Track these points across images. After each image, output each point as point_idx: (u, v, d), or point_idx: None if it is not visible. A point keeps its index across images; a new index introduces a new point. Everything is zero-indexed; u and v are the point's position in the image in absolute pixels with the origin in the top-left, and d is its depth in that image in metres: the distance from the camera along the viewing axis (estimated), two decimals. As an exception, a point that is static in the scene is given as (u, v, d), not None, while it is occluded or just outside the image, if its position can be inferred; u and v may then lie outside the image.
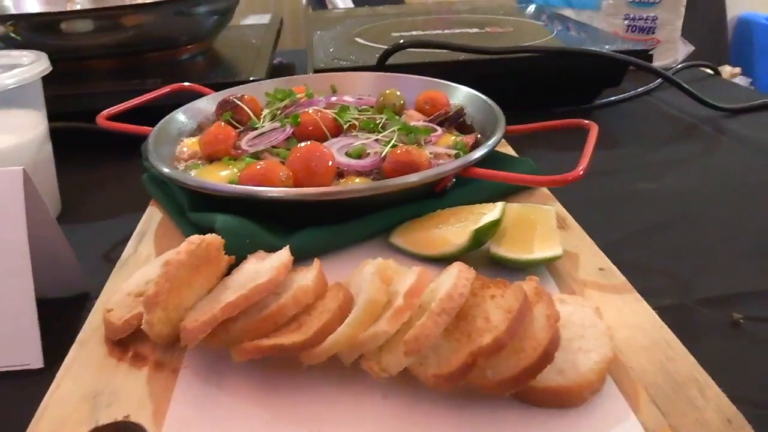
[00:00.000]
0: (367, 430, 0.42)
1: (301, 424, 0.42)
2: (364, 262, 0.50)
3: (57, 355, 0.55)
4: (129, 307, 0.51)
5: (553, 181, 0.59)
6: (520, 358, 0.42)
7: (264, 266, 0.52)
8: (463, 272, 0.45)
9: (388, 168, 0.66)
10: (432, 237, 0.58)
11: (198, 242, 0.49)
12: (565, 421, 0.41)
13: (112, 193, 0.88)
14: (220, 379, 0.46)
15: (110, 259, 0.73)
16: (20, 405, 0.51)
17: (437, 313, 0.42)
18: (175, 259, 0.47)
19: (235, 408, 0.43)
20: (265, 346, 0.43)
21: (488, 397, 0.43)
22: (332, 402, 0.44)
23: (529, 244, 0.56)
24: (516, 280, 0.54)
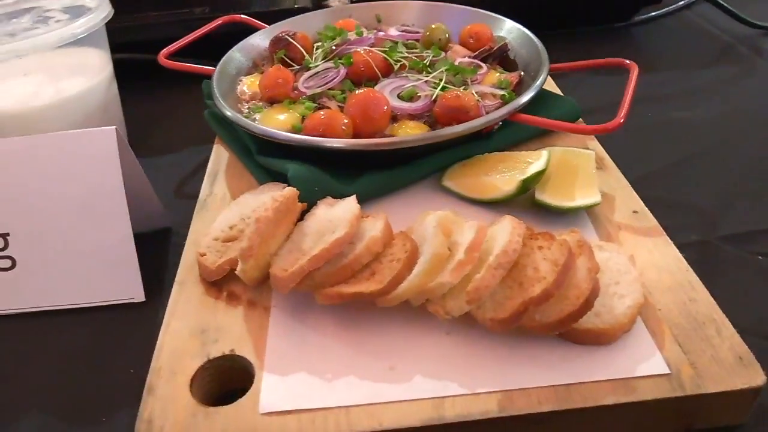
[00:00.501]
0: (433, 362, 0.50)
1: (378, 357, 0.50)
2: (425, 214, 0.57)
3: (154, 288, 0.64)
4: (219, 252, 0.59)
5: (594, 130, 0.64)
6: (565, 305, 0.49)
7: (335, 213, 0.59)
8: (516, 228, 0.52)
9: (438, 112, 0.70)
10: (482, 183, 0.64)
11: (281, 199, 0.56)
12: (600, 356, 0.49)
13: (175, 126, 0.94)
14: (305, 317, 0.54)
15: (183, 194, 0.80)
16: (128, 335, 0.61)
17: (494, 267, 0.49)
18: (263, 216, 0.54)
19: (323, 344, 0.52)
20: (347, 294, 0.51)
21: (536, 335, 0.51)
22: (403, 338, 0.52)
23: (570, 190, 0.62)
24: (558, 222, 0.61)
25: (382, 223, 0.56)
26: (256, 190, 0.67)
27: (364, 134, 0.68)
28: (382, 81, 0.76)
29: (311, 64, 0.80)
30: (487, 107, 0.72)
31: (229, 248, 0.59)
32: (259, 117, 0.74)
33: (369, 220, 0.58)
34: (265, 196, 0.64)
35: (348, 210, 0.58)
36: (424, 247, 0.53)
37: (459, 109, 0.69)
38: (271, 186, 0.66)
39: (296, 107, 0.74)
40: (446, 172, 0.68)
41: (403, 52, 0.79)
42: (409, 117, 0.72)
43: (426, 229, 0.55)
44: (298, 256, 0.55)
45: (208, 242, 0.61)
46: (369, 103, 0.68)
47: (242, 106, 0.77)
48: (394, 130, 0.70)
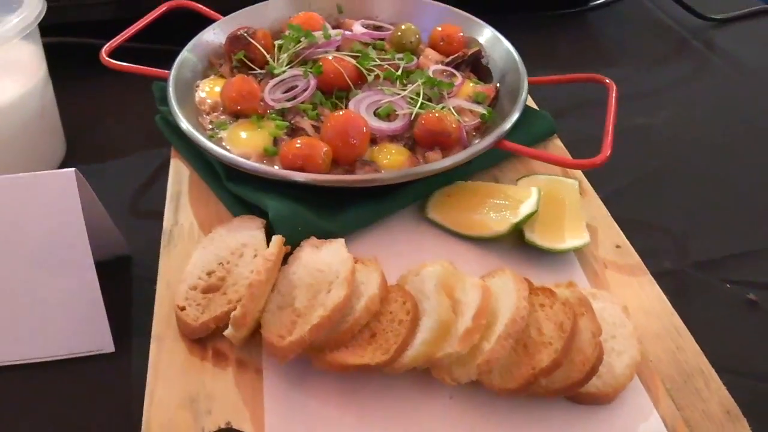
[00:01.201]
0: (436, 427, 0.49)
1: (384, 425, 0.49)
2: (421, 266, 0.55)
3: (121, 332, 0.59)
4: (200, 306, 0.55)
5: (581, 165, 0.64)
6: (571, 372, 0.49)
7: (323, 259, 0.56)
8: (520, 289, 0.51)
9: (419, 135, 0.67)
10: (471, 219, 0.62)
11: (273, 258, 0.52)
12: (602, 417, 0.50)
13: (120, 125, 0.85)
14: (302, 380, 0.52)
15: (139, 213, 0.74)
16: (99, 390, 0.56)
17: (504, 338, 0.48)
18: (256, 281, 0.50)
19: (324, 413, 0.50)
20: (350, 365, 0.49)
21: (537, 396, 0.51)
22: (406, 403, 0.51)
23: (559, 229, 0.61)
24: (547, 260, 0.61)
25: (378, 278, 0.53)
26: (230, 225, 0.62)
27: (343, 160, 0.65)
28: (356, 94, 0.71)
29: (276, 69, 0.74)
30: (467, 126, 0.70)
31: (212, 301, 0.55)
32: (225, 136, 0.68)
33: (362, 270, 0.56)
34: (242, 236, 0.60)
35: (339, 259, 0.55)
36: (425, 305, 0.52)
37: (441, 133, 0.67)
38: (247, 221, 0.62)
39: (266, 125, 0.68)
40: (430, 202, 0.66)
41: (376, 60, 0.75)
42: (389, 138, 0.68)
43: (425, 285, 0.53)
44: (292, 318, 0.52)
45: (185, 292, 0.56)
46: (348, 128, 0.64)
47: (203, 119, 0.71)
48: (374, 154, 0.67)
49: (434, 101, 0.72)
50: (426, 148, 0.67)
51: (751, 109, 0.92)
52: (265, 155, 0.65)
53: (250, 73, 0.75)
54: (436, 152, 0.67)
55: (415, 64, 0.76)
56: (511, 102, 0.73)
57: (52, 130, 0.78)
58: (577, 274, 0.60)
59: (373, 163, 0.65)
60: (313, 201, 0.62)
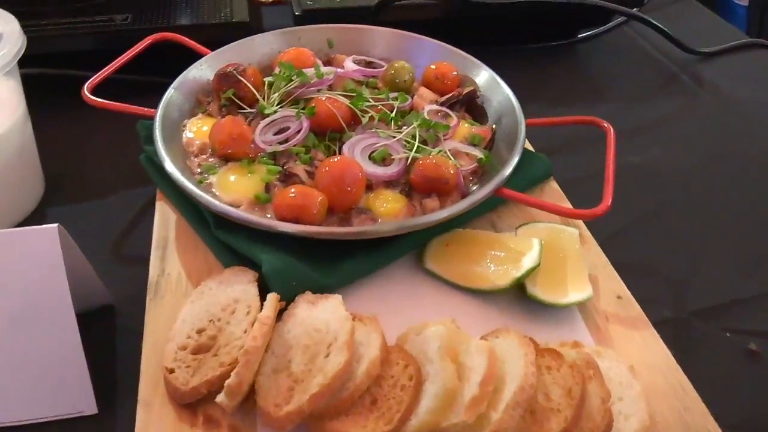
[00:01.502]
0: (443, 501, 0.47)
1: (387, 501, 0.47)
2: (422, 325, 0.53)
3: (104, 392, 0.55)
4: (190, 368, 0.52)
5: (582, 215, 0.62)
6: (582, 440, 0.47)
7: (320, 317, 0.54)
8: (528, 353, 0.49)
9: (416, 181, 0.66)
10: (471, 272, 0.61)
11: (269, 322, 0.50)
12: (611, 486, 0.49)
13: (102, 163, 0.81)
14: (299, 449, 0.49)
15: (122, 257, 0.71)
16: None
17: (512, 407, 0.46)
18: (252, 346, 0.48)
19: (324, 486, 0.47)
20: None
21: (545, 463, 0.49)
22: (409, 473, 0.48)
23: (561, 282, 0.60)
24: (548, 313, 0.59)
25: (379, 339, 0.51)
26: (221, 277, 0.59)
27: (338, 208, 0.63)
28: (350, 137, 0.69)
29: (267, 109, 0.72)
30: (464, 170, 0.69)
31: (203, 364, 0.52)
32: (215, 181, 0.66)
33: (361, 329, 0.53)
34: (234, 290, 0.57)
35: (337, 318, 0.53)
36: (428, 368, 0.50)
37: (438, 180, 0.65)
38: (239, 273, 0.59)
39: (257, 169, 0.66)
40: (427, 252, 0.64)
41: (369, 100, 0.73)
42: (385, 184, 0.66)
43: (427, 346, 0.51)
44: (289, 383, 0.49)
45: (173, 352, 0.53)
46: (345, 175, 0.62)
47: (191, 161, 0.69)
48: (370, 201, 0.64)
49: (430, 144, 0.70)
50: (423, 195, 0.65)
51: (742, 143, 0.91)
52: (257, 203, 0.63)
53: (239, 112, 0.72)
54: (434, 199, 0.65)
55: (409, 104, 0.75)
56: (507, 144, 0.71)
57: (31, 169, 0.74)
58: (580, 329, 0.59)
59: (369, 211, 0.63)
60: (307, 252, 0.60)
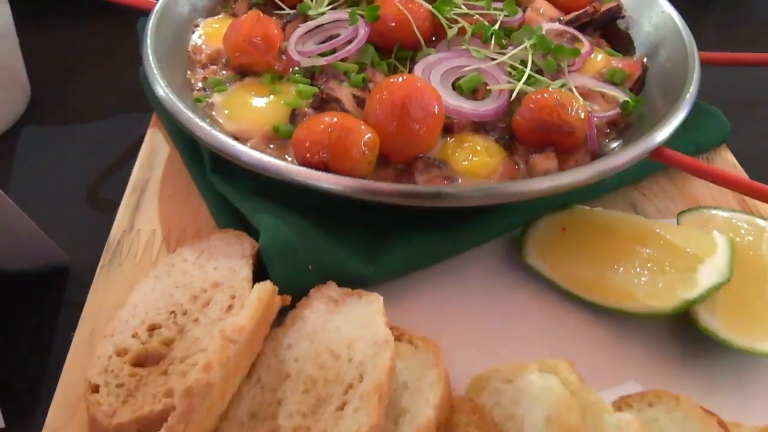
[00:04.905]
0: None
1: None
2: (520, 367, 0.30)
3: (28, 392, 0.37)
4: (123, 390, 0.32)
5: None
6: None
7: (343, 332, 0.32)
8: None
9: (523, 126, 0.43)
10: (604, 279, 0.37)
11: (238, 337, 0.28)
12: None
13: (96, 81, 0.63)
14: None
15: (96, 203, 0.52)
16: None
17: None
18: (201, 384, 0.26)
19: None
20: None
21: None
22: None
23: (761, 313, 0.35)
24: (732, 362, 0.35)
25: (438, 387, 0.29)
26: (204, 243, 0.39)
27: (396, 155, 0.40)
28: (426, 54, 0.46)
29: (311, 10, 0.49)
30: (598, 118, 0.44)
31: (143, 384, 0.32)
32: (218, 101, 0.44)
33: (408, 357, 0.31)
34: (217, 268, 0.36)
35: (369, 336, 0.31)
36: None
37: (559, 126, 0.42)
38: (231, 241, 0.39)
39: (283, 89, 0.45)
40: (530, 239, 0.40)
41: (461, 7, 0.49)
42: (473, 127, 0.43)
43: (525, 412, 0.28)
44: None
45: (106, 359, 0.33)
46: (410, 104, 0.39)
47: (194, 75, 0.48)
48: (448, 150, 0.42)
49: (547, 76, 0.47)
50: (531, 148, 0.42)
51: None
52: (274, 137, 0.41)
53: (274, 13, 0.51)
54: (548, 156, 0.41)
55: (520, 18, 0.52)
56: (665, 88, 0.47)
57: (13, 81, 0.58)
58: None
59: (444, 164, 0.40)
60: (337, 223, 0.38)
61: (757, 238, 0.38)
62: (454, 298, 0.38)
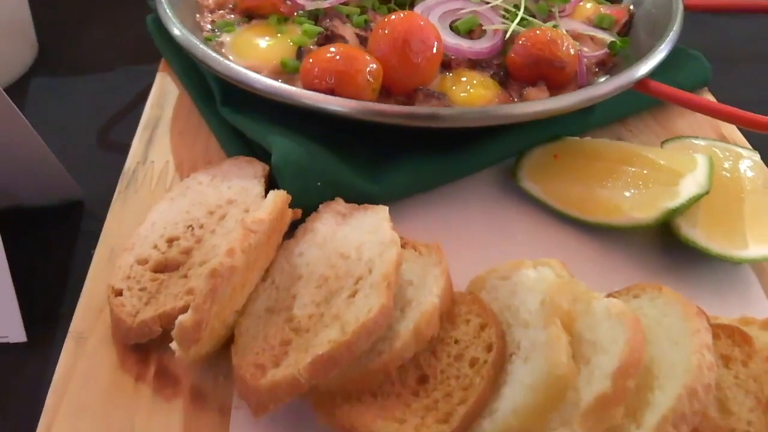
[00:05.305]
0: None
1: None
2: (515, 264, 0.32)
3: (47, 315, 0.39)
4: (146, 293, 0.34)
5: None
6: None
7: (351, 239, 0.34)
8: (700, 333, 0.28)
9: (516, 62, 0.45)
10: (593, 196, 0.39)
11: (259, 228, 0.30)
12: None
13: (105, 32, 0.65)
14: None
15: (108, 144, 0.54)
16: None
17: (671, 423, 0.25)
18: (226, 267, 0.28)
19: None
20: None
21: None
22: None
23: (736, 227, 0.38)
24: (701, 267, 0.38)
25: (441, 281, 0.31)
26: (217, 169, 0.41)
27: (398, 86, 0.43)
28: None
29: (315, -44, 0.51)
30: (587, 57, 0.47)
31: (164, 287, 0.34)
32: (228, 40, 0.46)
33: (413, 261, 0.34)
34: (231, 187, 0.39)
35: (377, 241, 0.33)
36: (518, 337, 0.30)
37: (551, 60, 0.44)
38: (243, 165, 0.41)
39: (289, 30, 0.47)
40: (525, 164, 0.43)
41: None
42: (469, 64, 0.45)
43: (521, 299, 0.30)
44: (286, 332, 0.30)
45: (128, 267, 0.35)
46: (411, 38, 0.42)
47: (203, 18, 0.49)
48: (446, 83, 0.44)
49: (539, 19, 0.49)
50: (525, 83, 0.44)
51: None
52: (282, 72, 0.43)
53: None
54: (541, 89, 0.44)
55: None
56: (651, 31, 0.49)
57: (21, 34, 0.60)
58: (759, 303, 0.37)
59: (443, 96, 0.42)
60: (345, 146, 0.40)
61: (735, 162, 0.41)
62: (453, 219, 0.40)
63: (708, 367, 0.26)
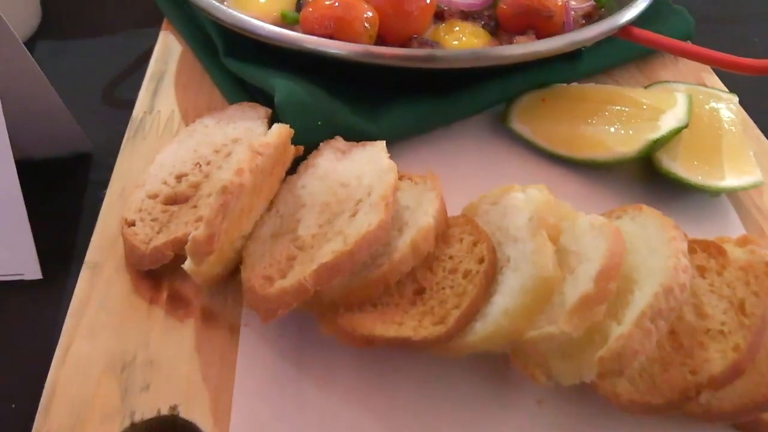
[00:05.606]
0: (516, 452, 0.30)
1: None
2: (506, 189, 0.34)
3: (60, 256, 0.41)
4: (157, 222, 0.36)
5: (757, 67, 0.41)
6: (756, 385, 0.29)
7: (351, 170, 0.36)
8: (676, 241, 0.30)
9: (506, 12, 0.47)
10: (578, 134, 0.41)
11: (265, 151, 0.32)
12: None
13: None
14: (299, 349, 0.33)
15: (113, 101, 0.55)
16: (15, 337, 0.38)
17: (649, 317, 0.28)
18: (235, 184, 0.30)
19: (330, 408, 0.31)
20: (380, 338, 0.29)
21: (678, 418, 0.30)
22: (465, 405, 0.31)
23: (715, 158, 0.40)
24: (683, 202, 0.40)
25: (435, 202, 0.33)
26: (222, 113, 0.43)
27: (393, 34, 0.45)
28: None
29: None
30: (575, 10, 0.49)
31: (175, 217, 0.36)
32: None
33: (410, 189, 0.36)
34: (236, 128, 0.41)
35: (375, 170, 0.35)
36: (509, 251, 0.32)
37: (538, 11, 0.46)
38: (246, 109, 0.43)
39: (290, -18, 0.48)
40: (514, 108, 0.45)
41: None
42: (461, 15, 0.47)
43: (511, 219, 0.33)
44: (291, 250, 0.32)
45: (140, 201, 0.37)
46: (406, -12, 0.43)
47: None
48: (439, 33, 0.46)
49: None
50: (514, 33, 0.46)
51: None
52: (281, 23, 0.45)
53: None
54: (530, 37, 0.46)
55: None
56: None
57: None
58: (734, 231, 0.39)
59: (437, 44, 0.44)
60: (344, 90, 0.42)
61: (714, 104, 0.43)
62: (446, 159, 0.43)
63: (683, 269, 0.29)
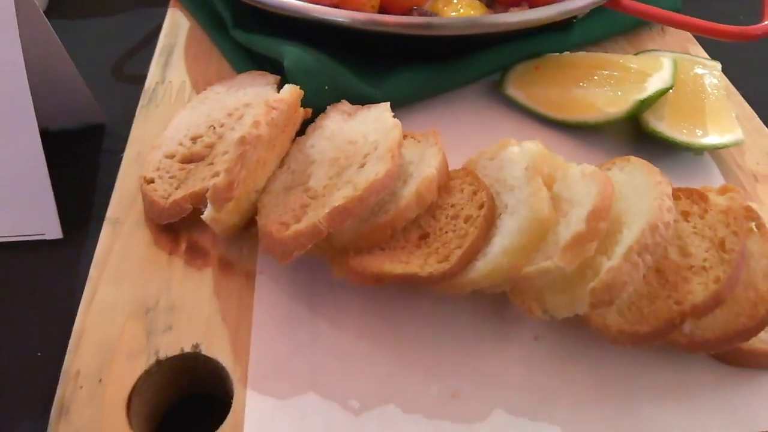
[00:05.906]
0: (516, 386, 0.32)
1: (433, 374, 0.32)
2: (503, 143, 0.37)
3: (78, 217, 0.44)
4: (175, 179, 0.38)
5: (740, 34, 0.44)
6: (735, 315, 0.31)
7: (357, 130, 0.38)
8: (661, 185, 0.33)
9: (502, -15, 0.49)
10: (569, 97, 0.44)
11: (280, 106, 0.34)
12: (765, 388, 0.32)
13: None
14: (313, 294, 0.35)
15: (123, 76, 0.58)
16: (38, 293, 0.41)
17: (636, 252, 0.30)
18: (252, 135, 0.33)
19: (342, 346, 0.33)
20: (388, 275, 0.32)
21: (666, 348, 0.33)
22: (467, 340, 0.33)
23: (699, 119, 0.42)
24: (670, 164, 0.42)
25: (437, 156, 0.36)
26: (232, 81, 0.45)
27: (394, 6, 0.47)
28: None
29: None
30: None
31: (192, 174, 0.38)
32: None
33: (413, 147, 0.38)
34: (247, 94, 0.43)
35: (380, 128, 0.37)
36: (506, 200, 0.34)
37: (533, -17, 0.48)
38: (256, 77, 0.45)
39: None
40: (509, 75, 0.47)
41: None
42: (460, -12, 0.50)
43: (508, 170, 0.35)
44: (304, 200, 0.34)
45: (157, 161, 0.40)
46: (405, -38, 0.46)
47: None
48: (438, 5, 0.48)
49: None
50: (509, 5, 0.49)
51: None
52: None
53: None
54: (523, 9, 0.48)
55: None
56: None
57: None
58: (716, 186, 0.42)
59: (434, 15, 0.47)
60: (349, 58, 0.45)
61: (700, 69, 0.46)
62: (445, 124, 0.45)
63: (667, 209, 0.31)
